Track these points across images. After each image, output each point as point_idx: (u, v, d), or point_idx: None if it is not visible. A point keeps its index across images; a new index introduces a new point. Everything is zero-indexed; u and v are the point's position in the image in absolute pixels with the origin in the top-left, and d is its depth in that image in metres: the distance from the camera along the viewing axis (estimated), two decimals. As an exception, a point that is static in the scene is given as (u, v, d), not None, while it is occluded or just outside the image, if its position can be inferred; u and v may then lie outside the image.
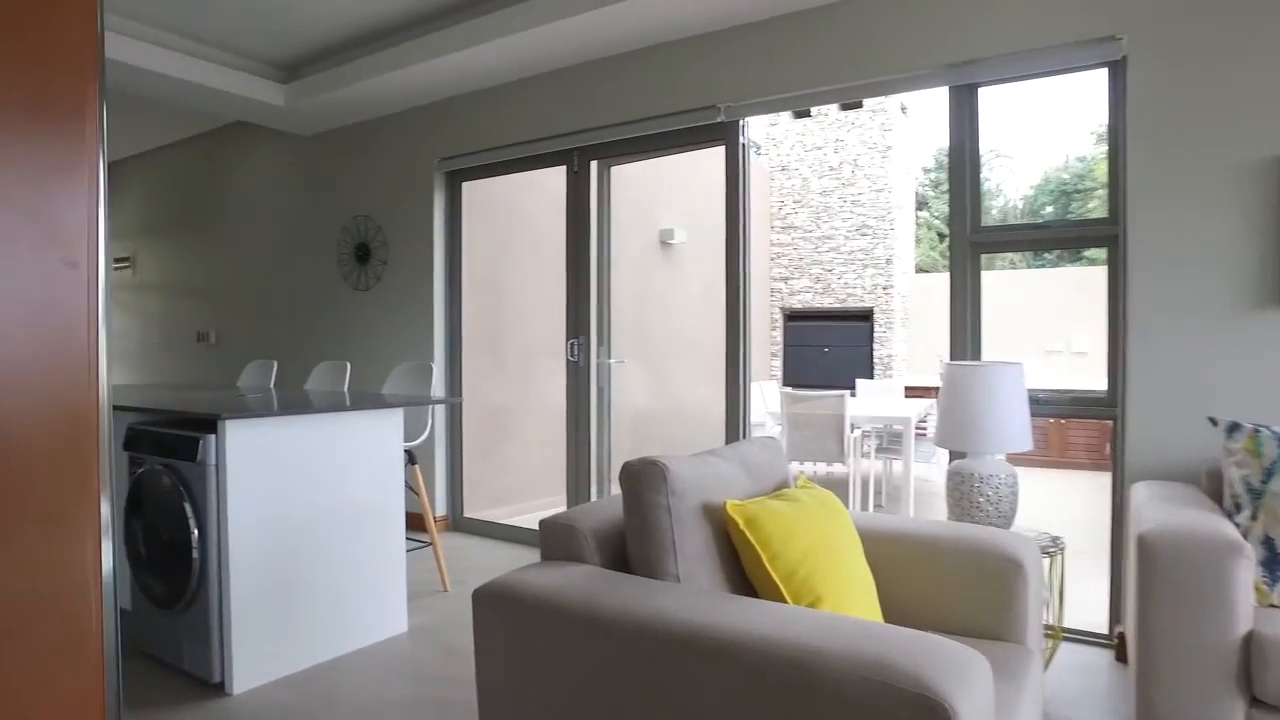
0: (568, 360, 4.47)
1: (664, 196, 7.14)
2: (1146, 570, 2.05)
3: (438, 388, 4.89)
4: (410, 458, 3.62)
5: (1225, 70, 2.73)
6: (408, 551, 3.35)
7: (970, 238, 3.25)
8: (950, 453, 3.33)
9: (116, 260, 7.52)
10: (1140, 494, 2.54)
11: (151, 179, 7.22)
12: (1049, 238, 3.11)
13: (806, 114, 9.64)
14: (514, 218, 5.55)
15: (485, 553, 4.44)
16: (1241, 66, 2.71)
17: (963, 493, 2.74)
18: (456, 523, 4.97)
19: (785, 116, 9.76)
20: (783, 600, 1.53)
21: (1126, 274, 2.90)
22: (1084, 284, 9.23)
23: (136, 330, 7.38)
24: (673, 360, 7.18)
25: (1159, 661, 2.02)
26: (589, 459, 4.42)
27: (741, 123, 3.82)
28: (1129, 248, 2.89)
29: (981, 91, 3.23)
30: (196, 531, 2.57)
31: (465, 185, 5.00)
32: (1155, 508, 2.31)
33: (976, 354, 3.32)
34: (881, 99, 9.12)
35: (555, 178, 4.57)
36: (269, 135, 5.88)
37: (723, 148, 3.88)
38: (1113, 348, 3.04)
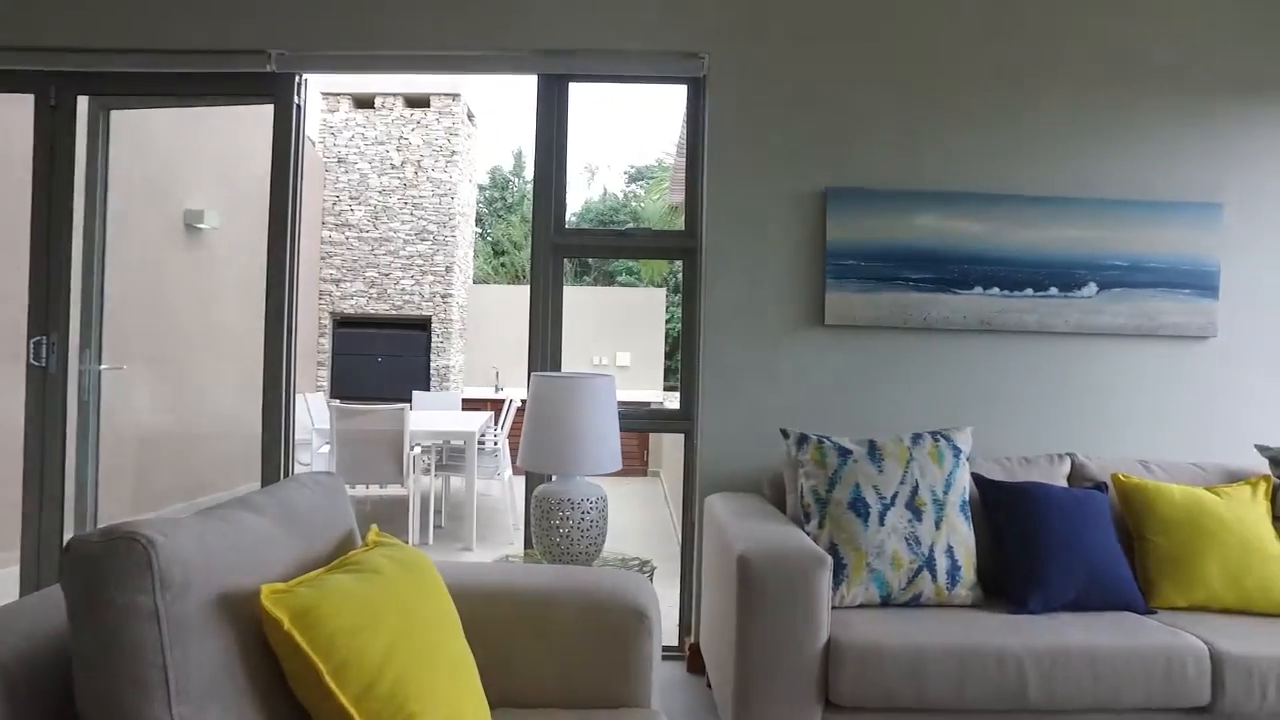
0: (30, 364, 3.24)
1: (194, 170, 5.86)
2: (747, 590, 2.01)
3: None
4: None
5: (791, 103, 2.90)
6: None
7: (554, 239, 3.03)
8: (529, 474, 3.05)
9: None
10: (718, 508, 2.51)
11: None
12: (632, 245, 3.03)
13: (370, 105, 8.91)
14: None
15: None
16: (804, 104, 2.90)
17: (551, 520, 2.45)
18: None
19: (345, 104, 8.90)
20: (356, 733, 1.01)
21: (702, 288, 2.93)
22: (621, 303, 9.94)
23: None
24: (199, 369, 5.92)
25: (755, 676, 2.01)
26: (61, 499, 3.24)
27: (299, 79, 3.12)
28: (705, 263, 2.92)
29: (572, 88, 3.04)
30: None
31: None
32: (742, 525, 2.27)
33: (557, 365, 3.10)
34: (449, 101, 8.81)
35: (23, 111, 3.28)
36: None
37: (272, 107, 3.14)
38: (687, 361, 3.05)
